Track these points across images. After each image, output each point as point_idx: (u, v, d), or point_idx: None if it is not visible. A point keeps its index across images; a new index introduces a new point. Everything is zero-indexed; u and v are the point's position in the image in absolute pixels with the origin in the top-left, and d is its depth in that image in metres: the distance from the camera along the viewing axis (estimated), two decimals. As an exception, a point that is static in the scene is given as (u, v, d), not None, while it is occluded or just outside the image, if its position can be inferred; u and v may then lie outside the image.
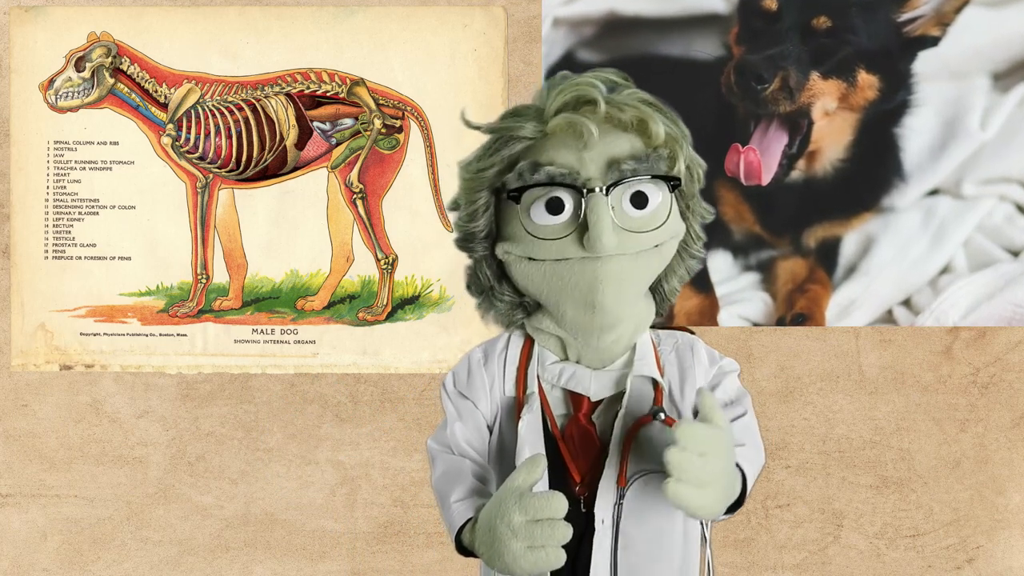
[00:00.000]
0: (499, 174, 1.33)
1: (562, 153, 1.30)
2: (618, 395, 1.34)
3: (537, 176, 1.29)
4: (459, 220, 1.37)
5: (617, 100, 1.31)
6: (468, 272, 1.40)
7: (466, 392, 1.39)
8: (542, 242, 1.30)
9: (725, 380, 1.38)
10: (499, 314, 1.40)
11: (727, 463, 1.24)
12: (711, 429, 1.23)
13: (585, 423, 1.34)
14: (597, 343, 1.34)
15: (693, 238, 1.38)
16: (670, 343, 1.39)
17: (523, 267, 1.33)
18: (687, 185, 1.35)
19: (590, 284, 1.30)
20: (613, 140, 1.30)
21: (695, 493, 1.21)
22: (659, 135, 1.30)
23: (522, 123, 1.32)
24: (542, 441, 1.34)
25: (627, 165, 1.29)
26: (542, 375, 1.36)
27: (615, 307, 1.31)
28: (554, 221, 1.30)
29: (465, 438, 1.38)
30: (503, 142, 1.33)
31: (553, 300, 1.33)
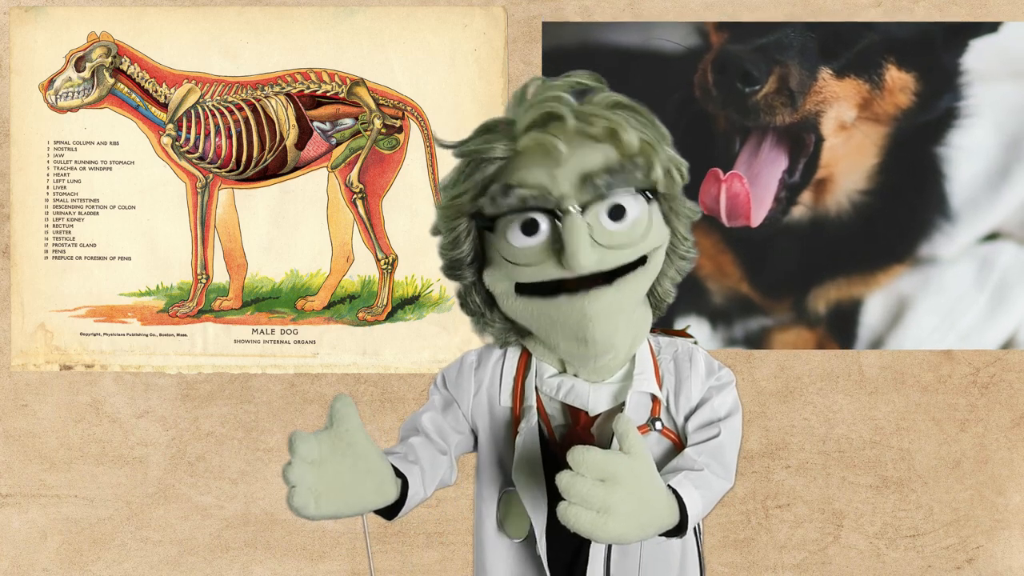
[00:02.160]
0: (474, 199, 1.31)
1: (534, 172, 1.28)
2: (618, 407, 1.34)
3: (509, 200, 1.27)
4: (442, 248, 1.36)
5: (586, 112, 1.28)
6: (458, 297, 1.39)
7: (452, 390, 1.40)
8: (522, 267, 1.29)
9: (718, 396, 1.36)
10: (493, 334, 1.39)
11: (641, 490, 1.21)
12: (613, 456, 1.20)
13: (584, 435, 1.34)
14: (594, 365, 1.34)
15: (680, 239, 1.36)
16: (670, 352, 1.38)
17: (511, 303, 1.33)
18: (668, 187, 1.32)
19: (579, 322, 1.28)
20: (586, 153, 1.28)
21: (592, 517, 1.19)
22: (632, 144, 1.27)
23: (493, 143, 1.30)
24: (539, 453, 1.34)
25: (601, 180, 1.26)
26: (540, 387, 1.36)
27: (607, 339, 1.30)
28: (531, 243, 1.28)
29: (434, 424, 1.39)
30: (475, 165, 1.31)
31: (544, 334, 1.33)
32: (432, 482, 1.36)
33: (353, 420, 1.23)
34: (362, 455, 1.24)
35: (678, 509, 1.27)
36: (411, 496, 1.32)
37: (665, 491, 1.26)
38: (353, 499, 1.24)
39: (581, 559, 1.34)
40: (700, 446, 1.34)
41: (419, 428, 1.39)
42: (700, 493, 1.30)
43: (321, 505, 1.22)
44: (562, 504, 1.19)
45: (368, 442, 1.25)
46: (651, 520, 1.23)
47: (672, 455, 1.35)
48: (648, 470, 1.23)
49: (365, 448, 1.24)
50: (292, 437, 1.21)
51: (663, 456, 1.35)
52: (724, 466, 1.34)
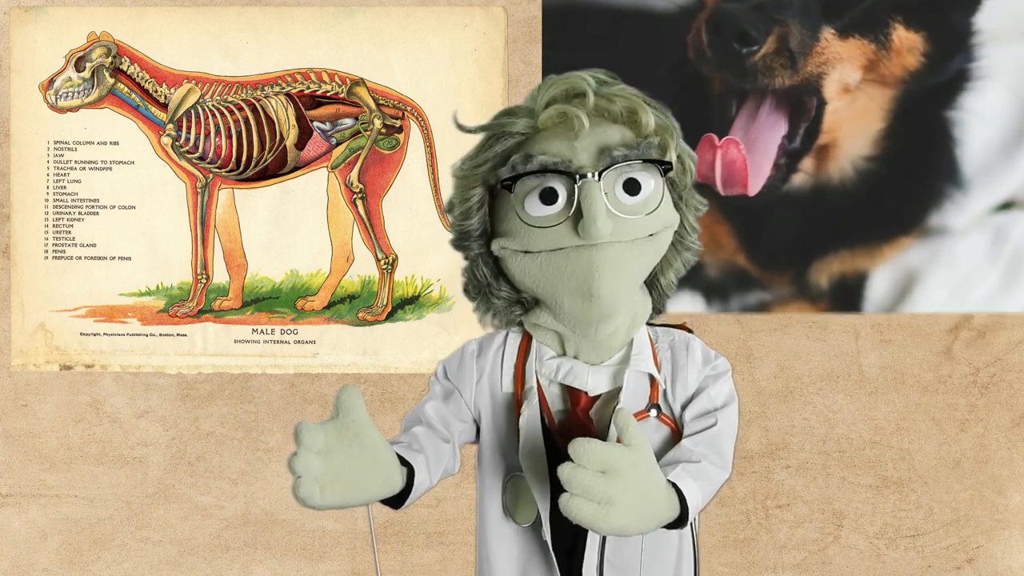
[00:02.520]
0: (493, 169, 1.35)
1: (554, 144, 1.32)
2: (616, 390, 1.35)
3: (530, 166, 1.31)
4: (454, 219, 1.39)
5: (607, 92, 1.33)
6: (465, 272, 1.42)
7: (454, 380, 1.42)
8: (538, 231, 1.32)
9: (715, 385, 1.38)
10: (497, 312, 1.41)
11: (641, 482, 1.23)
12: (614, 448, 1.21)
13: (583, 418, 1.35)
14: (595, 335, 1.35)
15: (688, 230, 1.40)
16: (667, 340, 1.40)
17: (519, 261, 1.35)
18: (679, 177, 1.36)
19: (586, 272, 1.31)
20: (604, 130, 1.33)
21: (594, 509, 1.20)
22: (649, 124, 1.32)
23: (514, 120, 1.35)
24: (541, 436, 1.34)
25: (618, 152, 1.31)
26: (540, 371, 1.38)
27: (612, 295, 1.32)
28: (548, 211, 1.31)
29: (437, 413, 1.40)
30: (496, 138, 1.35)
31: (550, 291, 1.34)
32: (437, 470, 1.37)
33: (359, 410, 1.24)
34: (368, 445, 1.24)
35: (678, 501, 1.28)
36: (417, 485, 1.33)
37: (665, 484, 1.27)
38: (359, 489, 1.24)
39: (580, 546, 1.35)
40: (697, 436, 1.35)
41: (422, 418, 1.40)
42: (699, 485, 1.31)
43: (327, 495, 1.22)
44: (564, 496, 1.20)
45: (374, 432, 1.25)
46: (652, 513, 1.25)
47: (670, 442, 1.36)
48: (648, 462, 1.24)
49: (371, 438, 1.24)
50: (298, 427, 1.22)
51: (662, 444, 1.36)
52: (721, 455, 1.35)
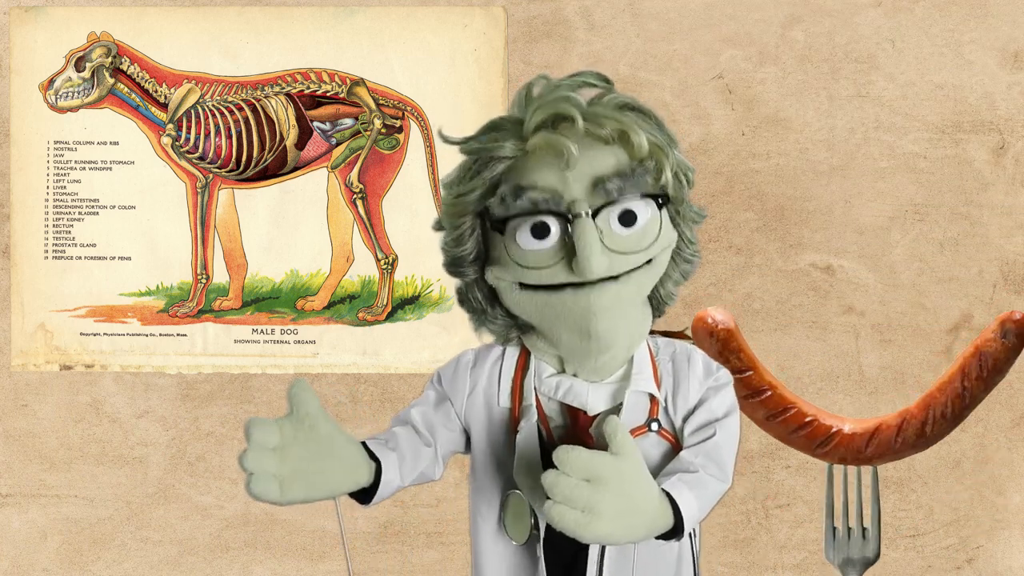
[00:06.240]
0: (481, 197, 1.31)
1: (544, 174, 1.27)
2: (616, 407, 1.33)
3: (520, 203, 1.27)
4: (445, 244, 1.36)
5: (596, 114, 1.28)
6: (459, 293, 1.39)
7: (447, 388, 1.39)
8: (530, 270, 1.29)
9: (715, 397, 1.35)
10: (493, 332, 1.39)
11: (628, 490, 1.21)
12: (599, 456, 1.19)
13: (583, 435, 1.34)
14: (594, 363, 1.34)
15: (685, 243, 1.36)
16: (668, 353, 1.37)
17: (515, 296, 1.32)
18: (676, 192, 1.32)
19: (584, 313, 1.28)
20: (596, 155, 1.28)
21: (576, 517, 1.18)
22: (642, 147, 1.27)
23: (501, 142, 1.29)
24: (539, 453, 1.34)
25: (612, 184, 1.26)
26: (539, 387, 1.36)
27: (610, 333, 1.30)
28: (541, 246, 1.28)
29: (423, 417, 1.38)
30: (482, 163, 1.30)
31: (547, 326, 1.32)
32: (411, 473, 1.35)
33: (311, 404, 1.24)
34: (324, 438, 1.24)
35: (671, 511, 1.26)
36: (386, 482, 1.32)
37: (656, 493, 1.25)
38: (320, 483, 1.24)
39: (579, 562, 1.34)
40: (696, 448, 1.33)
41: (407, 420, 1.38)
42: (695, 495, 1.29)
43: (287, 491, 1.22)
44: (547, 503, 1.19)
45: (330, 425, 1.25)
46: (641, 522, 1.23)
47: (671, 457, 1.34)
48: (635, 471, 1.22)
49: (327, 431, 1.24)
50: (248, 423, 1.22)
51: (662, 458, 1.35)
52: (720, 467, 1.33)
